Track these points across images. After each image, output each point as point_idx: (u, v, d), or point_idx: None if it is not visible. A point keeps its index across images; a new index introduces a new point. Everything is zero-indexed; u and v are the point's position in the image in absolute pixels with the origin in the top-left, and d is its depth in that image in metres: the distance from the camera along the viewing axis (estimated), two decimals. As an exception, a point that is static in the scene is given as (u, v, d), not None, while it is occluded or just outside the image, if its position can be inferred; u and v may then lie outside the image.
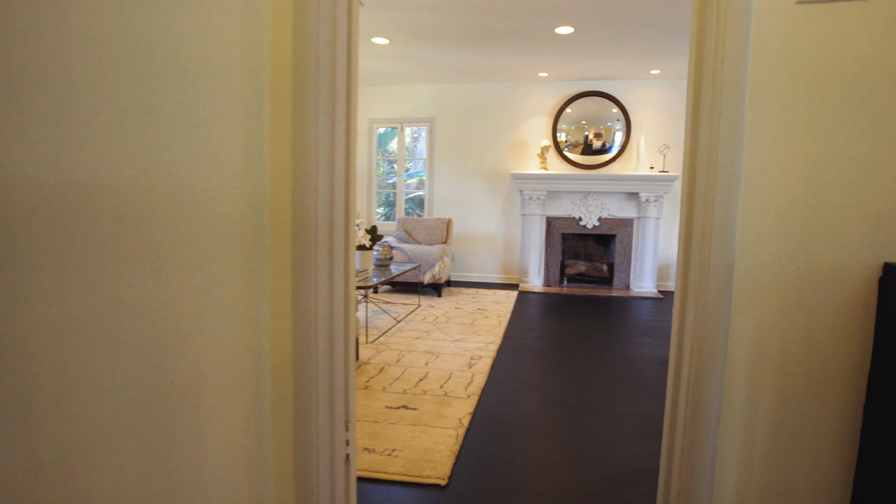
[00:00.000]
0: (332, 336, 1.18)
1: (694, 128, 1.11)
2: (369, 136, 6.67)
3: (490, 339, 3.79)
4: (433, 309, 4.83)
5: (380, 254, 4.69)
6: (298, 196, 1.11)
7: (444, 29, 4.25)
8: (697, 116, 1.09)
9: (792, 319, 1.09)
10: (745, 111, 1.04)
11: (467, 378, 2.91)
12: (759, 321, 1.10)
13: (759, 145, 1.05)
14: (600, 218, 6.00)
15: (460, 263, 6.54)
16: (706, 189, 1.07)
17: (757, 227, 1.09)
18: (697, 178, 1.09)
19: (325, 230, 1.14)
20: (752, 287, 1.09)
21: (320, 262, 1.13)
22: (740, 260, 1.09)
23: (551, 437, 2.23)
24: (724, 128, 1.03)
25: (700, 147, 1.09)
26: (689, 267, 1.13)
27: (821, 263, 1.07)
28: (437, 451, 2.01)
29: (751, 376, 1.11)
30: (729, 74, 1.03)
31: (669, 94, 5.91)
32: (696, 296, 1.10)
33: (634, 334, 4.08)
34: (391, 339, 3.73)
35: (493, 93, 6.26)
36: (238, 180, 1.03)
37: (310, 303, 1.13)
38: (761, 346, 1.11)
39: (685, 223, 1.14)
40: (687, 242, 1.14)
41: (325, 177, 1.12)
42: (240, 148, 1.03)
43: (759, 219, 1.08)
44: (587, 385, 2.88)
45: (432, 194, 6.56)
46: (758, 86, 1.05)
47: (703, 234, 1.08)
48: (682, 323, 1.14)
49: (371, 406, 2.46)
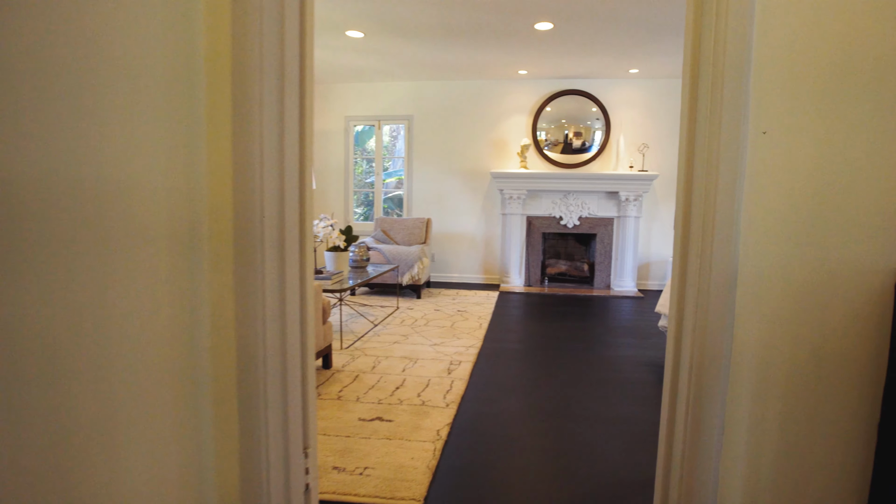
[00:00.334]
0: (284, 352, 1.03)
1: (691, 119, 0.99)
2: (346, 134, 6.47)
3: (470, 342, 3.66)
4: (412, 311, 4.68)
5: (356, 255, 4.52)
6: (240, 196, 0.95)
7: (420, 22, 4.10)
8: (695, 106, 0.98)
9: (801, 331, 0.98)
10: (750, 100, 0.93)
11: (446, 385, 2.78)
12: (765, 334, 0.99)
13: (764, 138, 0.94)
14: (581, 217, 5.96)
15: (440, 264, 6.40)
16: (706, 187, 0.95)
17: (762, 229, 0.97)
18: (696, 174, 0.98)
19: (274, 233, 0.98)
20: (758, 295, 0.98)
21: (268, 268, 0.97)
22: (744, 265, 0.97)
23: (534, 447, 2.12)
24: (726, 118, 0.92)
25: (699, 140, 0.97)
26: (686, 274, 1.01)
27: (831, 268, 0.96)
28: (413, 469, 1.87)
29: (756, 396, 1.00)
30: (731, 59, 0.91)
31: (648, 93, 5.90)
32: (695, 306, 0.98)
33: (616, 335, 4.02)
34: (367, 344, 3.57)
35: (473, 90, 6.14)
36: (161, 178, 0.87)
37: (256, 315, 0.98)
38: (768, 362, 0.99)
39: (681, 225, 1.02)
40: (684, 247, 1.01)
41: (272, 176, 0.97)
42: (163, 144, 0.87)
43: (764, 219, 0.96)
44: (570, 390, 2.79)
45: (411, 193, 6.40)
46: (762, 71, 0.94)
47: (702, 238, 0.96)
48: (678, 338, 1.02)
49: (343, 419, 2.30)
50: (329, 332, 3.01)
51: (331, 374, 2.94)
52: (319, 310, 2.84)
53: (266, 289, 0.98)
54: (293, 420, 1.07)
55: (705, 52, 0.96)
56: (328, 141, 6.52)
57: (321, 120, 6.52)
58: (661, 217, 6.06)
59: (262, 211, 0.96)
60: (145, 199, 0.84)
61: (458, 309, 4.80)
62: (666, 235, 6.08)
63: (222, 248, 0.97)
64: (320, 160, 6.54)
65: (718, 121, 0.93)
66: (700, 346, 0.98)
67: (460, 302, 5.14)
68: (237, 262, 0.97)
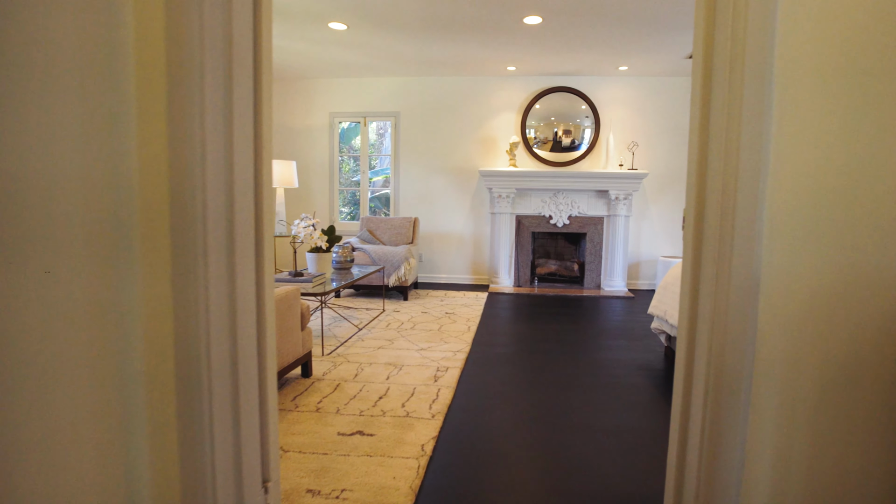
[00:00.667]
0: (235, 373, 0.88)
1: (704, 100, 0.86)
2: (331, 131, 6.29)
3: (458, 346, 3.53)
4: (398, 314, 4.53)
5: (339, 256, 4.36)
6: (178, 190, 0.80)
7: (405, 13, 3.95)
8: (709, 85, 0.84)
9: (832, 346, 0.85)
10: (774, 78, 0.79)
11: (432, 394, 2.63)
12: (791, 350, 0.85)
13: (792, 123, 0.81)
14: (570, 216, 5.86)
15: (428, 264, 6.26)
16: (724, 180, 0.81)
17: (788, 229, 0.83)
18: (710, 167, 0.84)
19: (221, 234, 0.83)
20: (784, 305, 0.84)
21: (213, 274, 0.82)
22: (767, 271, 0.83)
23: (524, 462, 1.99)
24: (748, 99, 0.79)
25: (714, 125, 0.83)
26: (699, 281, 0.87)
27: (868, 274, 0.83)
28: (395, 490, 1.73)
29: (781, 424, 0.86)
30: (753, 28, 0.78)
31: (638, 91, 5.82)
32: (711, 319, 0.84)
33: (608, 336, 3.92)
34: (351, 349, 3.41)
35: (461, 87, 6.01)
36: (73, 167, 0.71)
37: (199, 331, 0.82)
38: (795, 384, 0.85)
39: (693, 225, 0.88)
40: (696, 250, 0.87)
41: (218, 167, 0.82)
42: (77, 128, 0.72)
43: (790, 217, 0.82)
44: (562, 397, 2.66)
45: (398, 192, 6.24)
46: (789, 42, 0.81)
47: (720, 239, 0.82)
48: (689, 356, 0.88)
49: (321, 433, 2.14)
50: (309, 338, 2.85)
51: (310, 383, 2.77)
52: (297, 316, 2.67)
53: (210, 299, 0.82)
54: (248, 452, 0.92)
55: (722, 22, 0.83)
56: (312, 138, 6.32)
57: (305, 116, 6.32)
58: (651, 216, 5.99)
59: (205, 208, 0.80)
60: (50, 193, 0.68)
61: (446, 311, 4.66)
62: (656, 235, 6.01)
63: (158, 252, 0.82)
64: (304, 158, 6.34)
65: (739, 103, 0.80)
66: (717, 366, 0.84)
67: (448, 303, 5.00)
68: (175, 269, 0.82)
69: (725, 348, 0.84)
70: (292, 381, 2.79)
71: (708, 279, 0.86)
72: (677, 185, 5.90)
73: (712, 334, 0.85)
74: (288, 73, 5.97)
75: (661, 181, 5.92)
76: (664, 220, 5.98)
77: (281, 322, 2.50)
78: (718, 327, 0.84)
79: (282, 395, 2.57)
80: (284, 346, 2.54)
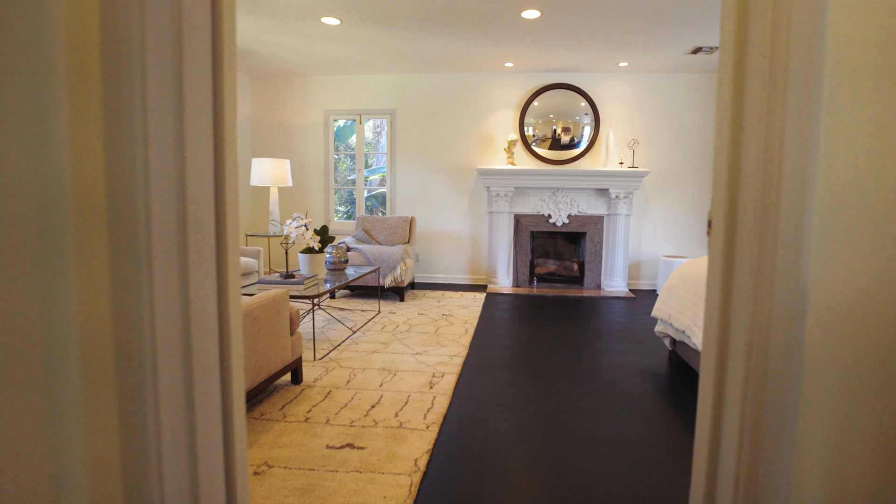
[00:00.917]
0: (191, 399, 0.76)
1: (737, 76, 0.72)
2: (326, 129, 6.16)
3: (455, 350, 3.41)
4: (394, 316, 4.41)
5: (333, 256, 4.23)
6: (116, 188, 0.68)
7: (399, 7, 3.83)
8: (741, 83, 0.70)
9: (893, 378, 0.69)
10: (826, 50, 0.67)
11: (427, 402, 2.52)
12: (844, 383, 0.70)
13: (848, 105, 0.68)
14: (570, 215, 5.75)
15: (425, 264, 6.14)
16: (764, 174, 0.68)
17: (842, 235, 0.69)
18: (744, 158, 0.71)
19: (170, 238, 0.71)
20: (835, 331, 0.69)
21: (159, 286, 0.70)
22: (816, 287, 0.69)
23: (524, 479, 1.87)
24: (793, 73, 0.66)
25: (749, 107, 0.70)
26: (731, 300, 0.73)
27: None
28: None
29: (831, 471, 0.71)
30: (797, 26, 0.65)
31: (638, 88, 5.71)
32: (747, 349, 0.70)
33: (609, 339, 3.81)
34: (344, 353, 3.30)
35: (458, 84, 5.88)
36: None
37: (144, 357, 0.70)
38: (850, 429, 0.70)
39: (723, 230, 0.75)
40: (728, 260, 0.73)
41: (164, 160, 0.70)
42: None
43: (845, 222, 0.68)
44: (562, 405, 2.55)
45: (394, 191, 6.12)
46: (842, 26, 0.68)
47: (759, 248, 0.69)
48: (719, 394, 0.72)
49: (308, 446, 2.03)
50: (299, 343, 2.73)
51: (300, 390, 2.65)
52: (285, 320, 2.55)
53: (157, 315, 0.70)
54: (210, 492, 0.80)
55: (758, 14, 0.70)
56: (307, 136, 6.20)
57: (299, 114, 6.19)
58: (653, 215, 5.88)
59: (149, 210, 0.68)
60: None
61: (442, 313, 4.55)
62: (657, 234, 5.90)
63: (95, 261, 0.70)
64: (299, 156, 6.21)
65: (782, 98, 0.67)
66: (754, 406, 0.68)
67: (445, 305, 4.89)
68: (114, 280, 0.70)
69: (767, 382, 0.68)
70: (281, 388, 2.67)
71: (743, 298, 0.70)
72: (679, 184, 5.79)
73: (748, 367, 0.68)
74: (281, 70, 5.84)
75: (663, 179, 5.81)
76: (666, 219, 5.87)
77: (268, 327, 2.38)
78: (756, 357, 0.68)
79: (269, 403, 2.45)
80: (272, 352, 2.42)
